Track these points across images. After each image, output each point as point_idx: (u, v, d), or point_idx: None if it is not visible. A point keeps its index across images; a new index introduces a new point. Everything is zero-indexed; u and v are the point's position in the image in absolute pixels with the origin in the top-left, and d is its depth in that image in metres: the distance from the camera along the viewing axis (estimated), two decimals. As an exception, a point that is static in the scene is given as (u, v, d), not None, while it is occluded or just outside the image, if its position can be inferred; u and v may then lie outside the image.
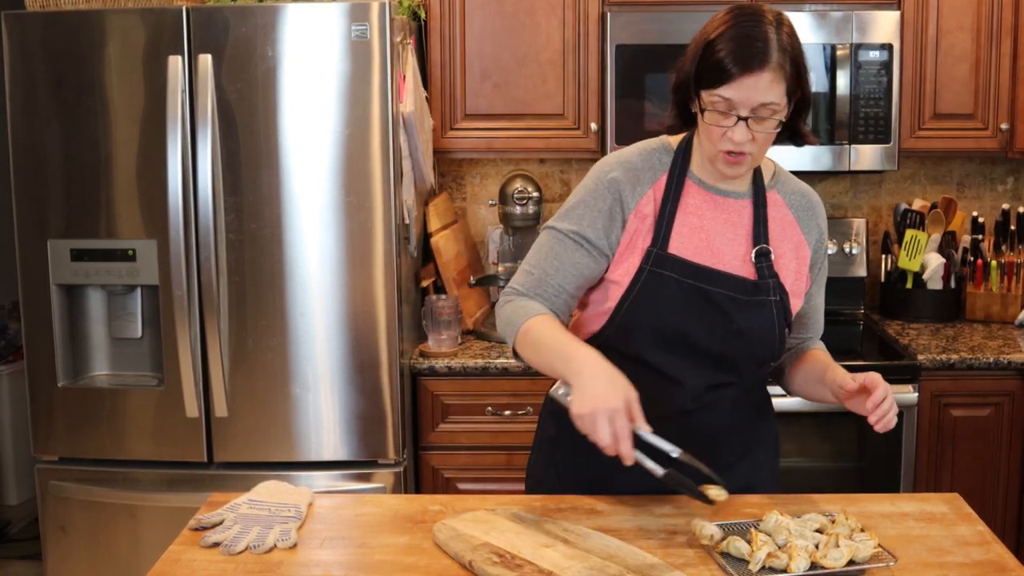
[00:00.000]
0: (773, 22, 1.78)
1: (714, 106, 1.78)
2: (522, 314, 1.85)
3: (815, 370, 1.97)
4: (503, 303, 1.92)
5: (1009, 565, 1.66)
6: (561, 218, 1.93)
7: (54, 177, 2.82)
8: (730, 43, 1.75)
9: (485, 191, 3.63)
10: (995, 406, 3.00)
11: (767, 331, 1.89)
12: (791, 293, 1.93)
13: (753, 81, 1.74)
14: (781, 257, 1.93)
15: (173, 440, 2.87)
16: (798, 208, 1.97)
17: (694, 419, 1.91)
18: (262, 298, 2.80)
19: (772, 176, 1.97)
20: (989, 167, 3.61)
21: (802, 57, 1.80)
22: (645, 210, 1.89)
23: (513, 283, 1.93)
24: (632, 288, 1.87)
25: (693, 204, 1.90)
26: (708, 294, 1.86)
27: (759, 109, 1.76)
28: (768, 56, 1.74)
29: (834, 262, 3.50)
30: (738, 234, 1.90)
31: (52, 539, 2.95)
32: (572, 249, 1.89)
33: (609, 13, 3.15)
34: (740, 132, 1.78)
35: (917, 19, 3.21)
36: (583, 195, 1.92)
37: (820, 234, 1.99)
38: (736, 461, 1.97)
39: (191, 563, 1.69)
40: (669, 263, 1.86)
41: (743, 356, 1.90)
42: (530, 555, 1.65)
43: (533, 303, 1.88)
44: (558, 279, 1.89)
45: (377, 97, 2.74)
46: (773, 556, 1.59)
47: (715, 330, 1.87)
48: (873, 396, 1.77)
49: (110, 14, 2.76)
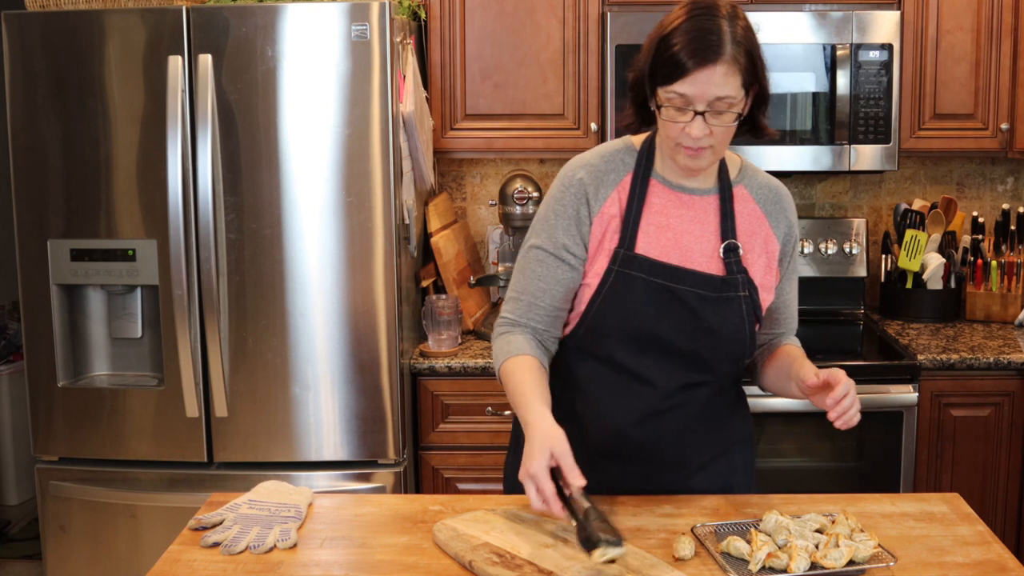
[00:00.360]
0: (727, 15, 1.77)
1: (670, 102, 1.78)
2: (503, 354, 1.89)
3: (784, 365, 1.96)
4: (496, 335, 1.95)
5: (1009, 565, 1.66)
6: (537, 233, 1.93)
7: (54, 177, 2.82)
8: (683, 37, 1.75)
9: (485, 191, 3.63)
10: (995, 406, 3.00)
11: (737, 327, 1.89)
12: (761, 287, 1.92)
13: (708, 75, 1.74)
14: (750, 252, 1.92)
15: (173, 440, 2.87)
16: (765, 202, 1.95)
17: (667, 419, 1.91)
18: (262, 298, 2.80)
19: (739, 171, 1.96)
20: (989, 167, 3.61)
21: (757, 49, 1.80)
22: (610, 211, 1.88)
23: (505, 312, 1.95)
24: (601, 289, 1.87)
25: (659, 203, 1.90)
26: (677, 292, 1.86)
27: (715, 103, 1.76)
28: (722, 49, 1.74)
29: (834, 262, 3.50)
30: (705, 231, 1.90)
31: (52, 539, 2.95)
32: (555, 266, 1.90)
33: (609, 13, 3.15)
34: (698, 127, 1.77)
35: (917, 19, 3.21)
36: (552, 205, 1.92)
37: (789, 227, 1.98)
38: (711, 460, 1.98)
39: (191, 563, 1.69)
40: (637, 263, 1.86)
41: (715, 353, 1.90)
42: (530, 555, 1.65)
43: (518, 339, 1.90)
44: (547, 300, 1.90)
45: (377, 97, 2.74)
46: (773, 556, 1.59)
47: (685, 328, 1.87)
48: (833, 392, 1.75)
49: (110, 14, 2.76)
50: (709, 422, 1.96)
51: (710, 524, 1.76)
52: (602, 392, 1.91)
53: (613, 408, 1.91)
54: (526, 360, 1.86)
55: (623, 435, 1.91)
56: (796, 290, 2.05)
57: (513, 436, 2.12)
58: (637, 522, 1.81)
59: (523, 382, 1.83)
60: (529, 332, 1.92)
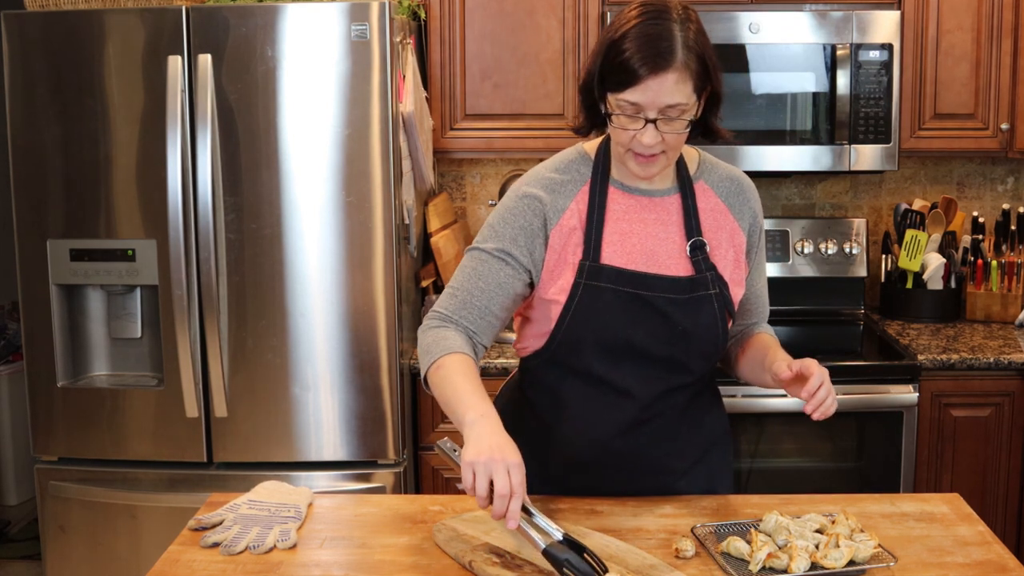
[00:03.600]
0: (678, 19, 1.73)
1: (622, 110, 1.74)
2: (438, 348, 1.80)
3: (757, 355, 1.94)
4: (426, 328, 1.87)
5: (1009, 565, 1.66)
6: (484, 238, 1.89)
7: (54, 177, 2.82)
8: (634, 43, 1.71)
9: (485, 191, 3.63)
10: (995, 406, 3.00)
11: (710, 327, 1.86)
12: (731, 283, 1.89)
13: (659, 83, 1.70)
14: (717, 248, 1.89)
15: (173, 440, 2.87)
16: (727, 195, 1.93)
17: (646, 429, 1.89)
18: (262, 298, 2.80)
19: (697, 167, 1.93)
20: (989, 167, 3.61)
21: (710, 51, 1.75)
22: (570, 223, 1.85)
23: (437, 306, 1.89)
24: (570, 304, 1.83)
25: (619, 210, 1.87)
26: (647, 299, 1.83)
27: (667, 110, 1.72)
28: (672, 56, 1.69)
29: (834, 262, 3.50)
30: (670, 232, 1.87)
31: (52, 539, 2.95)
32: (496, 268, 1.85)
33: (609, 13, 3.15)
34: (649, 135, 1.74)
35: (917, 19, 3.21)
36: (502, 213, 1.88)
37: (754, 217, 1.95)
38: (691, 466, 1.96)
39: (191, 563, 1.69)
40: (604, 274, 1.83)
41: (689, 355, 1.87)
42: (529, 555, 1.65)
43: (453, 335, 1.82)
44: (483, 300, 1.85)
45: (377, 97, 2.74)
46: (774, 556, 1.59)
47: (659, 334, 1.84)
48: (808, 384, 1.72)
49: (110, 14, 2.76)
50: (688, 426, 1.94)
51: (710, 524, 1.76)
52: (580, 406, 1.88)
53: (593, 421, 1.88)
54: (463, 358, 1.78)
55: (603, 448, 1.89)
56: (765, 278, 2.03)
57: None
58: (637, 522, 1.80)
59: (467, 376, 1.74)
60: (462, 330, 1.85)
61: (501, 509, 1.57)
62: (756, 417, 2.93)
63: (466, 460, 1.60)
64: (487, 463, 1.58)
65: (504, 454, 1.60)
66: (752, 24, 3.01)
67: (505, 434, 1.65)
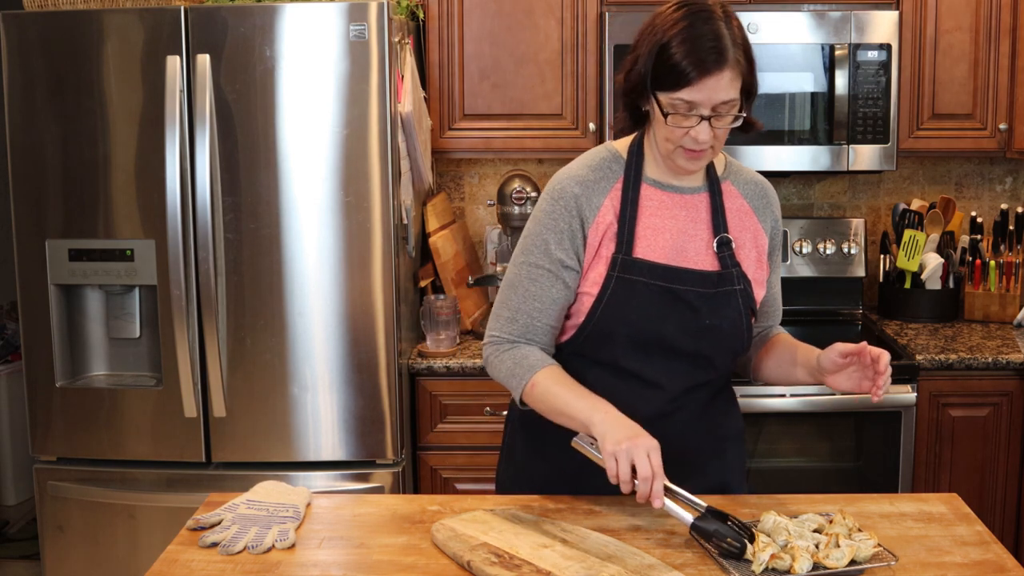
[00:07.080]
0: (722, 17, 1.78)
1: (675, 108, 1.78)
2: (523, 369, 1.87)
3: (787, 353, 1.98)
4: (497, 354, 1.91)
5: (1008, 565, 1.66)
6: (529, 251, 1.91)
7: (52, 177, 2.82)
8: (684, 45, 1.75)
9: (483, 191, 3.63)
10: (993, 406, 3.00)
11: (735, 322, 1.90)
12: (753, 281, 1.94)
13: (714, 82, 1.75)
14: (741, 247, 1.94)
15: (171, 440, 2.87)
16: (753, 197, 1.98)
17: (669, 422, 1.91)
18: (260, 298, 2.80)
19: (724, 168, 1.98)
20: (988, 167, 3.61)
21: (751, 48, 1.81)
22: (605, 220, 1.88)
23: (498, 331, 1.92)
24: (602, 296, 1.87)
25: (652, 206, 1.90)
26: (677, 293, 1.87)
27: (719, 107, 1.77)
28: (725, 55, 1.75)
29: (832, 262, 3.50)
30: (699, 228, 1.91)
31: (50, 539, 2.95)
32: (549, 284, 1.88)
33: (607, 13, 3.15)
34: (704, 132, 1.79)
35: (915, 19, 3.21)
36: (543, 220, 1.90)
37: (775, 222, 2.01)
38: (707, 460, 1.98)
39: (189, 563, 1.69)
40: (636, 267, 1.86)
41: (716, 350, 1.91)
42: (528, 555, 1.65)
43: (529, 351, 1.89)
44: (544, 320, 1.89)
45: (375, 97, 2.74)
46: (776, 557, 1.59)
47: (688, 328, 1.88)
48: (882, 361, 1.76)
49: (108, 14, 2.76)
50: (709, 421, 1.97)
51: (709, 524, 1.75)
52: (607, 398, 1.90)
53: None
54: (554, 369, 1.86)
55: None
56: (779, 282, 2.08)
57: (506, 444, 2.11)
58: (636, 522, 1.80)
59: (568, 382, 1.83)
60: (535, 345, 1.91)
61: (646, 491, 1.67)
62: (755, 417, 2.93)
63: (607, 451, 1.70)
64: (628, 450, 1.68)
65: (641, 440, 1.69)
66: (751, 24, 3.01)
67: (632, 421, 1.74)
